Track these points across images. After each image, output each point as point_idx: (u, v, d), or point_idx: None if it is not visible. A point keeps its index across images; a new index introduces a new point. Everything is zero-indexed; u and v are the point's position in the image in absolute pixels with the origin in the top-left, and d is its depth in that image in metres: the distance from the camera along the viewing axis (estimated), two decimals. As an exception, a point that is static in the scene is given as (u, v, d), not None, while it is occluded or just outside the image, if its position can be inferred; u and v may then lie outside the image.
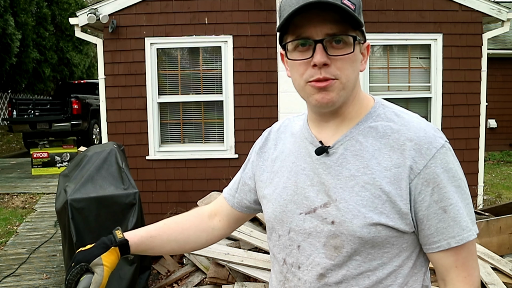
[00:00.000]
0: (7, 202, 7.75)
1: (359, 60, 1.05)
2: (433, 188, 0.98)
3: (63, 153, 9.76)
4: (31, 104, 11.83)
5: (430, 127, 1.03)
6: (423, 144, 0.99)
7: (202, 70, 6.14)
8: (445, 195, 0.98)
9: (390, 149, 1.01)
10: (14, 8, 16.36)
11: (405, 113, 1.07)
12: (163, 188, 6.11)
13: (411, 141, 1.00)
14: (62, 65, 20.79)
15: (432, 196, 0.98)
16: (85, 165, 4.16)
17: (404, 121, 1.04)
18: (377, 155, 1.01)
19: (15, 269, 5.07)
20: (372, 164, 1.01)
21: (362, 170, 1.01)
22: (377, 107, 1.08)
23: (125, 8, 5.92)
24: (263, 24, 5.93)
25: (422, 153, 0.98)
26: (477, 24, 5.93)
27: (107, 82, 6.03)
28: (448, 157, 1.00)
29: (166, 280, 4.39)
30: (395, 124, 1.03)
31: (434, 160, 0.98)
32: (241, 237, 3.67)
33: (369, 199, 0.99)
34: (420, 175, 0.98)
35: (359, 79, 1.08)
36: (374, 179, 1.00)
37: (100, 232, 3.80)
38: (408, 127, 1.02)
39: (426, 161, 0.98)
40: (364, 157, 1.02)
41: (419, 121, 1.04)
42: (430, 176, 0.98)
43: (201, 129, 6.21)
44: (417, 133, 1.00)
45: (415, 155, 0.98)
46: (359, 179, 1.01)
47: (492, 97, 10.43)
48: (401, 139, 1.01)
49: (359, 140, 1.04)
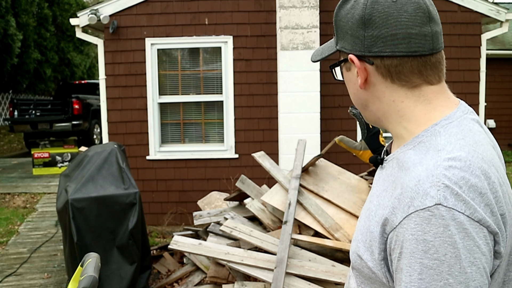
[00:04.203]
0: (9, 202, 7.78)
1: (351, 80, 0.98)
2: (400, 253, 0.81)
3: (64, 153, 9.79)
4: (32, 104, 11.86)
5: (429, 180, 0.80)
6: (405, 197, 0.82)
7: (202, 71, 6.16)
8: (404, 267, 0.80)
9: (394, 187, 0.87)
10: (15, 9, 16.39)
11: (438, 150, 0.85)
12: (163, 188, 6.13)
13: (401, 187, 0.84)
14: (63, 66, 20.82)
15: (398, 261, 0.82)
16: (86, 165, 4.18)
17: (420, 161, 0.85)
18: (389, 188, 0.90)
19: (16, 269, 5.09)
20: (381, 196, 0.91)
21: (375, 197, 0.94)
22: (428, 131, 0.89)
23: (126, 9, 5.95)
24: (263, 25, 5.95)
25: (401, 206, 0.82)
26: (476, 25, 5.95)
27: (107, 83, 6.06)
28: (428, 226, 0.77)
29: (167, 280, 4.41)
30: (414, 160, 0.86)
31: (408, 221, 0.80)
32: (241, 237, 3.69)
33: (365, 229, 0.92)
34: (395, 230, 0.82)
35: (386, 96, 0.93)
36: (374, 211, 0.91)
37: (101, 231, 3.83)
38: (414, 169, 0.84)
39: (401, 218, 0.81)
40: (384, 184, 0.93)
41: (428, 167, 0.82)
42: (400, 238, 0.81)
43: (201, 129, 6.24)
44: (410, 181, 0.83)
45: (396, 206, 0.83)
46: (371, 205, 0.93)
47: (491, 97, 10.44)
48: (400, 181, 0.86)
49: (393, 164, 0.93)
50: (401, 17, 0.88)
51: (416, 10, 0.88)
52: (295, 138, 5.09)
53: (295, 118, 5.73)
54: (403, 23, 0.88)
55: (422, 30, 0.89)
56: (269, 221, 4.00)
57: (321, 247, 3.68)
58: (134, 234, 3.88)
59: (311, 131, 5.72)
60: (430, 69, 0.90)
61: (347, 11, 0.94)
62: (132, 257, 3.88)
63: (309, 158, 4.37)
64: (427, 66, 0.90)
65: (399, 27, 0.88)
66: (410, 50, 0.88)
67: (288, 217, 3.63)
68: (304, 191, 3.96)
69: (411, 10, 0.88)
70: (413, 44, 0.88)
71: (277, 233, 3.78)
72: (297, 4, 5.61)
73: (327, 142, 5.41)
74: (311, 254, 3.61)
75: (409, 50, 0.88)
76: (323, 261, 3.55)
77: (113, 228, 3.85)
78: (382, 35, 0.89)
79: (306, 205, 3.79)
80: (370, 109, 0.98)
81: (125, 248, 3.86)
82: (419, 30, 0.88)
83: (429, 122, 0.90)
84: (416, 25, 0.88)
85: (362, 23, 0.90)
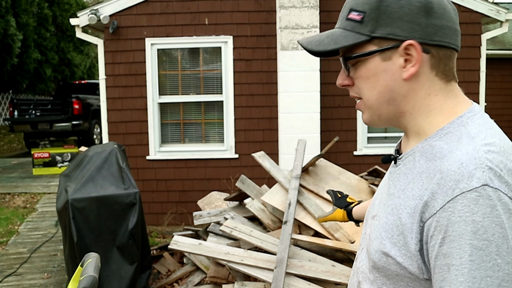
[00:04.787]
0: (9, 202, 7.78)
1: (383, 72, 0.93)
2: (444, 238, 0.81)
3: (64, 153, 9.79)
4: (32, 104, 11.87)
5: (473, 163, 0.82)
6: (448, 180, 0.82)
7: (202, 71, 6.16)
8: (453, 250, 0.79)
9: (427, 175, 0.88)
10: (15, 9, 16.40)
11: (471, 137, 0.87)
12: (163, 188, 6.14)
13: (441, 172, 0.84)
14: (63, 66, 20.82)
15: (441, 246, 0.81)
16: (86, 165, 4.18)
17: (456, 147, 0.86)
18: (417, 179, 0.90)
19: (16, 269, 5.09)
20: (408, 189, 0.91)
21: (399, 192, 0.93)
22: (454, 123, 0.91)
23: (126, 9, 5.95)
24: (263, 25, 5.95)
25: (444, 190, 0.82)
26: (476, 25, 5.95)
27: (107, 83, 6.06)
28: (476, 207, 0.78)
29: (167, 280, 4.41)
30: (447, 148, 0.87)
31: (453, 204, 0.80)
32: (241, 237, 3.69)
33: (391, 225, 0.91)
34: (435, 216, 0.82)
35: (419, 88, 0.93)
36: (401, 205, 0.90)
37: (101, 231, 3.83)
38: (452, 155, 0.85)
39: (444, 201, 0.81)
40: (407, 178, 0.93)
41: (468, 152, 0.84)
42: (444, 222, 0.81)
43: (201, 129, 6.24)
44: (451, 165, 0.83)
45: (437, 191, 0.83)
46: (394, 200, 0.93)
47: (491, 97, 10.46)
48: (438, 167, 0.86)
49: (415, 158, 0.93)
50: (450, 12, 0.93)
51: (454, 10, 0.95)
52: (295, 138, 5.09)
53: (295, 118, 5.74)
54: (452, 18, 0.93)
55: (459, 28, 0.96)
56: (269, 221, 4.00)
57: (321, 247, 3.68)
58: (134, 234, 3.88)
59: (311, 131, 5.72)
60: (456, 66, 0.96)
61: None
62: (132, 257, 3.88)
63: (309, 158, 4.37)
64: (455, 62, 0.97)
65: (451, 21, 0.92)
66: (457, 44, 0.94)
67: (288, 217, 3.63)
68: (304, 191, 3.96)
69: (451, 9, 0.94)
70: (458, 39, 0.94)
71: (277, 233, 3.78)
72: (297, 4, 5.61)
73: (327, 142, 5.41)
74: (311, 254, 3.61)
75: (457, 44, 0.94)
76: (323, 261, 3.55)
77: (113, 228, 3.85)
78: (443, 25, 0.91)
79: (306, 205, 3.80)
80: (396, 103, 0.94)
81: (125, 248, 3.86)
82: (459, 28, 0.96)
83: (454, 115, 0.92)
84: (457, 22, 0.95)
85: (424, 10, 0.90)
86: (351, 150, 6.10)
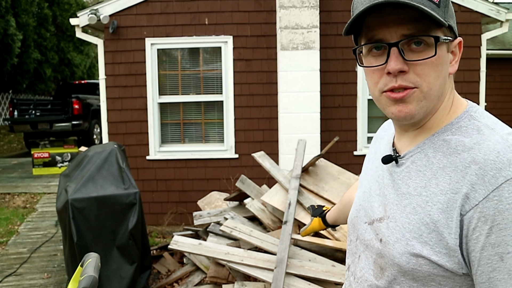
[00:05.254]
0: (8, 202, 7.78)
1: (446, 63, 0.90)
2: (491, 228, 0.79)
3: (64, 153, 9.79)
4: (32, 104, 11.87)
5: (509, 150, 0.82)
6: (489, 170, 0.81)
7: (202, 71, 6.16)
8: (504, 239, 0.78)
9: (453, 169, 0.85)
10: (15, 9, 16.40)
11: (491, 128, 0.88)
12: (163, 188, 6.14)
13: (476, 163, 0.82)
14: (63, 66, 20.82)
15: (488, 236, 0.79)
16: (86, 165, 4.18)
17: (482, 139, 0.85)
18: (439, 174, 0.87)
19: (16, 269, 5.09)
20: (431, 185, 0.88)
21: (419, 189, 0.89)
22: (463, 117, 0.91)
23: (126, 9, 5.95)
24: (263, 25, 5.95)
25: (485, 180, 0.80)
26: (476, 25, 5.95)
27: (107, 83, 6.06)
28: None
29: (167, 280, 4.41)
30: (470, 141, 0.86)
31: (499, 192, 0.79)
32: (241, 237, 3.69)
33: (416, 225, 0.87)
34: (477, 207, 0.80)
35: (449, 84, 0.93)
36: (427, 202, 0.87)
37: (101, 231, 3.83)
38: (481, 146, 0.84)
39: (488, 191, 0.80)
40: (426, 175, 0.89)
41: (498, 141, 0.84)
42: (490, 212, 0.79)
43: (201, 129, 6.24)
44: (487, 155, 0.82)
45: (476, 182, 0.81)
46: (414, 199, 0.90)
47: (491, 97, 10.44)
48: (468, 159, 0.84)
49: (428, 154, 0.90)
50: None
51: None
52: (295, 138, 5.09)
53: (295, 118, 5.74)
54: None
55: None
56: (269, 221, 4.00)
57: (321, 247, 3.68)
58: (134, 234, 3.88)
59: (311, 131, 5.72)
60: None
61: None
62: (132, 257, 3.88)
63: (309, 158, 4.37)
64: None
65: None
66: None
67: (288, 217, 3.63)
68: (304, 191, 3.96)
69: None
70: None
71: (277, 233, 3.78)
72: (297, 4, 5.61)
73: (327, 142, 5.41)
74: (311, 254, 3.61)
75: None
76: (323, 261, 3.55)
77: (113, 228, 3.85)
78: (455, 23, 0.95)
79: (306, 205, 3.80)
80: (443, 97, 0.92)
81: (125, 248, 3.86)
82: None
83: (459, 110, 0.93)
84: None
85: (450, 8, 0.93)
86: (351, 150, 6.10)
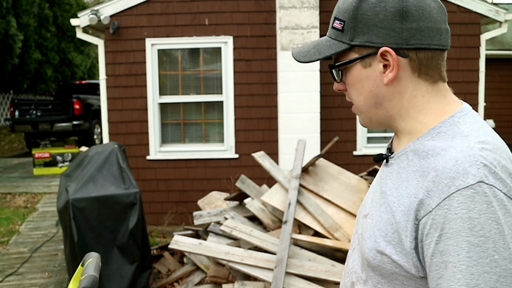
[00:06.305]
0: (9, 202, 7.80)
1: (365, 78, 0.95)
2: (440, 235, 0.81)
3: (64, 153, 9.81)
4: (33, 104, 11.89)
5: (467, 160, 0.82)
6: (444, 178, 0.82)
7: (203, 71, 6.18)
8: (449, 248, 0.79)
9: (421, 174, 0.88)
10: (16, 9, 16.42)
11: (465, 135, 0.87)
12: (163, 187, 6.15)
13: (435, 170, 0.84)
14: (64, 66, 20.84)
15: (438, 244, 0.81)
16: (87, 165, 4.20)
17: (450, 145, 0.86)
18: (411, 177, 0.90)
19: (17, 268, 5.11)
20: (402, 187, 0.91)
21: (392, 190, 0.93)
22: (445, 122, 0.92)
23: (126, 9, 5.96)
24: (263, 25, 5.97)
25: (439, 188, 0.82)
26: (475, 25, 5.97)
27: (108, 83, 6.07)
28: (472, 204, 0.79)
29: (167, 279, 4.43)
30: (440, 147, 0.88)
31: (449, 201, 0.80)
32: (241, 237, 3.70)
33: (384, 224, 0.91)
34: (431, 214, 0.82)
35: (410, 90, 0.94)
36: (394, 203, 0.90)
37: (101, 231, 3.85)
38: (446, 153, 0.85)
39: (440, 199, 0.81)
40: (401, 177, 0.93)
41: (462, 149, 0.84)
42: (440, 220, 0.81)
43: (202, 129, 6.25)
44: (446, 162, 0.83)
45: (432, 189, 0.83)
46: (387, 198, 0.93)
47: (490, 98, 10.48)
48: (431, 165, 0.86)
49: (409, 157, 0.93)
50: (432, 12, 0.92)
51: (440, 8, 0.94)
52: (295, 138, 5.10)
53: (295, 118, 5.75)
54: (435, 18, 0.92)
55: (445, 26, 0.94)
56: (269, 221, 4.01)
57: (321, 247, 3.70)
58: (135, 234, 3.90)
59: (311, 131, 5.74)
60: (444, 65, 0.95)
61: (374, 4, 0.91)
62: (133, 256, 3.89)
63: (309, 158, 4.39)
64: (443, 62, 0.95)
65: (432, 21, 0.91)
66: (441, 43, 0.93)
67: (288, 217, 3.64)
68: (304, 191, 3.97)
69: (436, 7, 0.93)
70: (442, 38, 0.93)
71: (277, 233, 3.80)
72: (297, 5, 5.62)
73: (327, 142, 5.42)
74: (311, 254, 3.62)
75: (440, 44, 0.93)
76: (323, 261, 3.57)
77: (113, 227, 3.87)
78: (420, 27, 0.90)
79: (306, 205, 3.81)
80: (384, 107, 0.97)
81: (125, 248, 3.87)
82: (444, 26, 0.94)
83: (445, 115, 0.93)
84: (442, 21, 0.94)
85: (399, 15, 0.90)
86: (350, 150, 6.12)
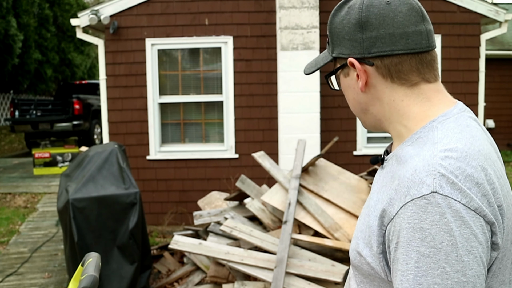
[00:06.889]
0: (9, 202, 7.80)
1: (349, 86, 1.00)
2: (397, 243, 0.82)
3: (64, 153, 9.81)
4: (33, 104, 11.90)
5: (425, 169, 0.81)
6: (403, 186, 0.83)
7: (203, 71, 6.18)
8: (401, 256, 0.80)
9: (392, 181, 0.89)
10: (16, 10, 16.42)
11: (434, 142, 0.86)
12: (163, 187, 6.15)
13: (398, 179, 0.85)
14: (64, 66, 20.83)
15: (395, 251, 0.82)
16: (87, 165, 4.20)
17: (417, 153, 0.86)
18: (387, 183, 0.91)
19: (17, 268, 5.11)
20: (381, 191, 0.92)
21: (374, 193, 0.94)
22: (425, 127, 0.91)
23: (126, 9, 5.96)
24: (263, 25, 5.97)
25: (398, 197, 0.83)
26: (475, 25, 5.97)
27: (108, 83, 6.08)
28: (425, 214, 0.78)
29: (167, 279, 4.43)
30: (411, 154, 0.88)
31: (405, 210, 0.80)
32: (241, 237, 3.71)
33: (365, 226, 0.93)
34: (392, 221, 0.83)
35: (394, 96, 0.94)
36: (372, 207, 0.92)
37: (101, 231, 3.85)
38: (412, 160, 0.86)
39: (398, 207, 0.82)
40: (384, 181, 0.94)
41: (424, 158, 0.84)
42: (397, 228, 0.82)
43: (202, 129, 6.26)
44: (407, 171, 0.84)
45: (394, 197, 0.84)
46: (371, 201, 0.94)
47: (490, 98, 10.48)
48: (398, 173, 0.87)
49: (393, 162, 0.94)
50: (397, 17, 0.91)
51: (410, 10, 0.92)
52: (295, 138, 5.11)
53: (295, 118, 5.75)
54: (399, 22, 0.91)
55: (417, 29, 0.92)
56: (269, 221, 4.02)
57: (320, 247, 3.70)
58: (135, 234, 3.90)
59: (311, 131, 5.74)
60: (426, 66, 0.93)
61: (342, 18, 0.96)
62: (133, 256, 3.89)
63: (309, 158, 4.39)
64: (424, 63, 0.93)
65: (395, 26, 0.90)
66: (408, 47, 0.91)
67: (288, 217, 3.65)
68: (304, 191, 3.97)
69: (405, 10, 0.91)
70: (410, 41, 0.91)
71: (277, 233, 3.80)
72: (297, 5, 5.62)
73: (327, 142, 5.43)
74: (311, 254, 3.63)
75: (407, 48, 0.91)
76: (323, 261, 3.57)
77: (113, 227, 3.87)
78: (381, 35, 0.91)
79: (306, 205, 3.81)
80: (370, 112, 0.99)
81: (125, 248, 3.87)
82: (414, 29, 0.91)
83: (427, 119, 0.92)
84: (411, 24, 0.91)
85: (359, 26, 0.93)
86: (350, 150, 6.12)
